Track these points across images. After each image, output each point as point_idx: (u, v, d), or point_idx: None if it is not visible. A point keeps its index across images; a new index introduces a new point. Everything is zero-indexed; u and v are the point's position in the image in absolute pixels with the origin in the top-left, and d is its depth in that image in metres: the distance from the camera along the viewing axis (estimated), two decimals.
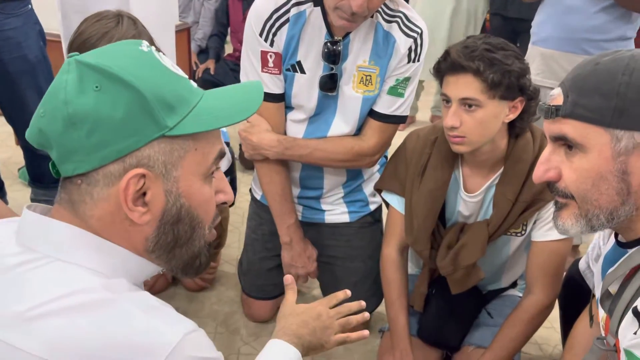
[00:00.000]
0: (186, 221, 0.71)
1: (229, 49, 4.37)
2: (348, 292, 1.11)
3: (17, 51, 1.89)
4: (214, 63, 4.13)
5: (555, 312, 1.56)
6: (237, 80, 1.57)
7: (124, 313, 0.64)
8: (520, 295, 1.57)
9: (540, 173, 0.89)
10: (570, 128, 0.84)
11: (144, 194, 0.67)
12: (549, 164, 0.88)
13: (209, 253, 0.77)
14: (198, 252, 0.75)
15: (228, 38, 4.33)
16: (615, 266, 0.91)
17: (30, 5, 1.95)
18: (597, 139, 0.82)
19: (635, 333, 0.81)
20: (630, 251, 0.88)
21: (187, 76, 0.72)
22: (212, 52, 4.13)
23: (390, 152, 1.65)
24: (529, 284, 1.44)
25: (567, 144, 0.86)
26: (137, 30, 1.39)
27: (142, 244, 0.71)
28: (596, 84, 0.82)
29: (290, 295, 1.06)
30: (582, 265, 1.46)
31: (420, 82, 3.44)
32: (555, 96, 0.88)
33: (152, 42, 1.45)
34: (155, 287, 1.92)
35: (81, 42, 1.35)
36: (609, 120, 0.81)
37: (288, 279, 1.09)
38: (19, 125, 2.00)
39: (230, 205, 2.12)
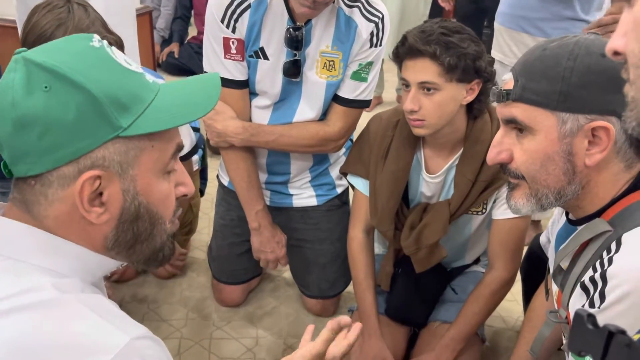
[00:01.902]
0: (145, 218, 0.70)
1: (192, 31, 4.30)
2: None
3: None
4: (178, 46, 4.06)
5: (518, 286, 1.62)
6: (202, 63, 1.57)
7: (72, 313, 0.63)
8: (483, 271, 1.62)
9: (493, 155, 0.93)
10: (520, 111, 0.88)
11: (101, 193, 0.66)
12: (501, 146, 0.92)
13: (173, 244, 0.77)
14: (160, 246, 0.74)
15: (191, 20, 4.26)
16: (566, 243, 0.96)
17: None
18: (545, 121, 0.86)
19: (582, 306, 0.85)
20: (579, 228, 0.93)
21: (141, 70, 0.70)
22: (175, 36, 4.07)
23: (355, 134, 1.68)
24: (490, 261, 1.49)
25: (517, 126, 0.90)
26: (90, 19, 1.37)
27: (101, 242, 0.70)
28: (543, 69, 0.86)
29: None
30: (542, 239, 1.52)
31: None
32: (507, 81, 0.91)
33: (105, 27, 1.43)
34: (125, 275, 1.92)
35: (37, 37, 1.32)
36: (555, 103, 0.85)
37: None
38: None
39: (201, 195, 2.12)
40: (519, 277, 1.54)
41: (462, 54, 1.24)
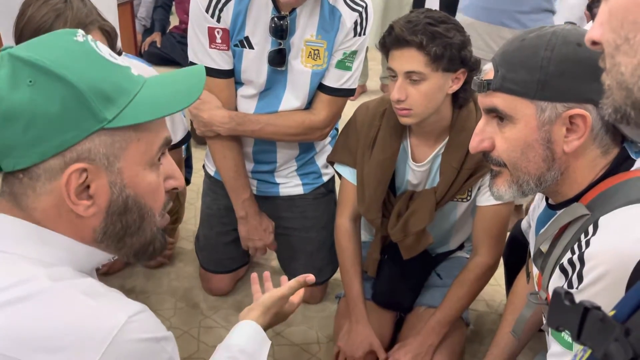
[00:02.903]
0: (134, 210, 0.71)
1: (174, 20, 4.26)
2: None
3: None
4: (160, 36, 4.02)
5: (501, 271, 1.66)
6: (185, 53, 1.57)
7: (68, 300, 0.64)
8: (467, 256, 1.66)
9: (475, 143, 0.95)
10: (500, 101, 0.90)
11: (88, 186, 0.67)
12: (483, 134, 0.94)
13: (164, 238, 0.77)
14: (151, 239, 0.75)
15: (173, 9, 4.22)
16: (546, 227, 0.99)
17: None
18: (524, 110, 0.89)
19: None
20: (559, 212, 0.96)
21: (126, 64, 0.71)
22: (157, 25, 4.02)
23: (341, 124, 1.69)
24: (474, 246, 1.52)
25: (498, 115, 0.92)
26: (87, 7, 1.36)
27: (90, 235, 0.71)
28: (522, 59, 0.88)
29: None
30: (523, 225, 1.55)
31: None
32: (488, 71, 0.93)
33: (100, 15, 1.42)
34: (113, 267, 1.92)
35: (35, 30, 1.29)
36: (533, 92, 0.87)
37: None
38: None
39: (187, 184, 2.12)
40: (502, 262, 1.58)
41: (448, 44, 1.26)
